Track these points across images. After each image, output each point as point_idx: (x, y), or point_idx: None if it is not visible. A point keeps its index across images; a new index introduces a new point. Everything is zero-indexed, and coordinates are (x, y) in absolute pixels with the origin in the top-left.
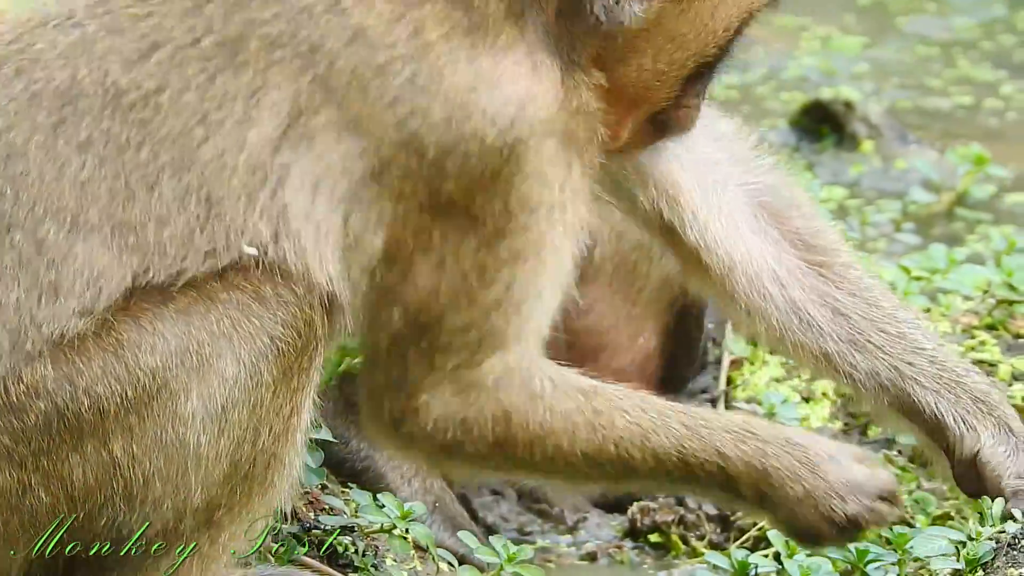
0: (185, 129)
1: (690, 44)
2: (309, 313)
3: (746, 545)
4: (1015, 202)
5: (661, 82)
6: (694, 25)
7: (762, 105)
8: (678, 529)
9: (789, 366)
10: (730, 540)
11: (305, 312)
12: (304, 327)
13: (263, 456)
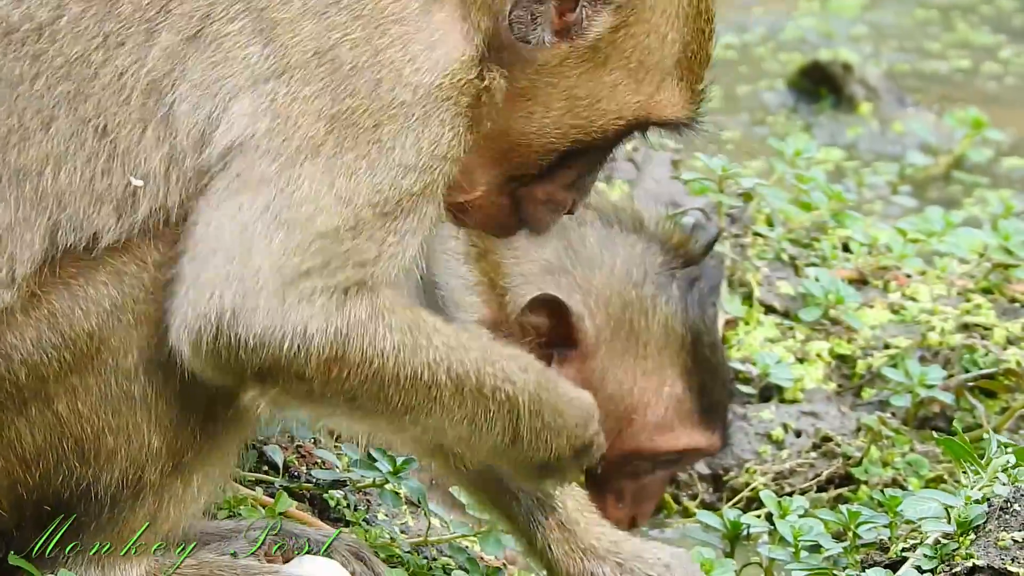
0: (82, 54)
1: (579, 111)
2: None
3: (738, 505)
4: (1012, 166)
5: (536, 139)
6: (590, 92)
7: (760, 66)
8: (671, 489)
9: (784, 327)
10: (722, 500)
11: None
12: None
13: (217, 397)
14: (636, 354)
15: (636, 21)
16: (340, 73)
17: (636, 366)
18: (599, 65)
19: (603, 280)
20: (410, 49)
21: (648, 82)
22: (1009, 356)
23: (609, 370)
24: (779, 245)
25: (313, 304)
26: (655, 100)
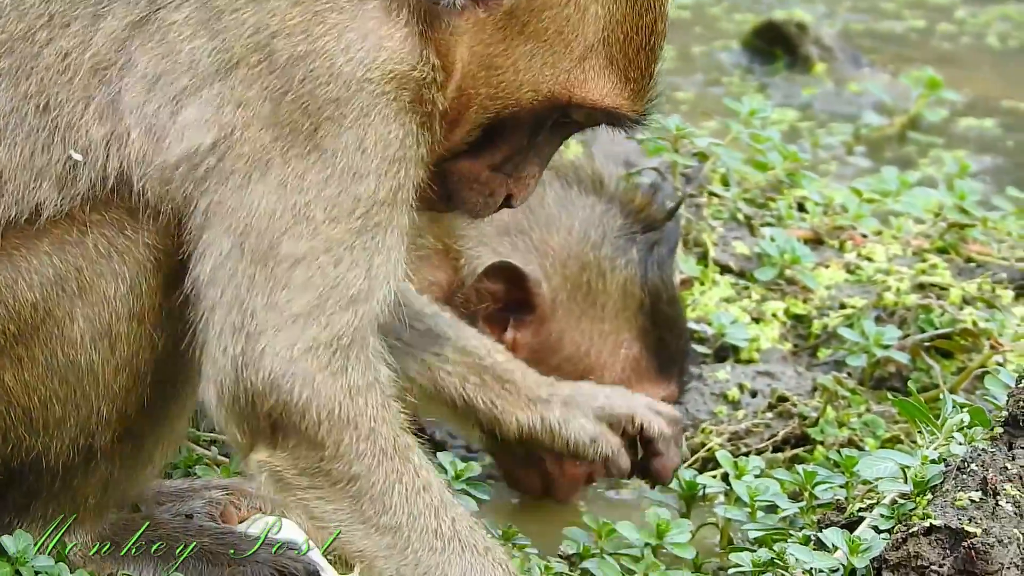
0: (26, 31)
1: (496, 80)
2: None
3: (694, 466)
4: (968, 126)
5: (460, 113)
6: (505, 61)
7: (715, 26)
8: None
9: (739, 287)
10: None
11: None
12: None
13: (167, 361)
14: (593, 316)
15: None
16: (278, 67)
17: (593, 328)
18: (516, 33)
19: (561, 241)
20: (344, 38)
21: (566, 56)
22: (965, 316)
23: (566, 332)
24: (734, 205)
25: (320, 356)
26: (575, 78)
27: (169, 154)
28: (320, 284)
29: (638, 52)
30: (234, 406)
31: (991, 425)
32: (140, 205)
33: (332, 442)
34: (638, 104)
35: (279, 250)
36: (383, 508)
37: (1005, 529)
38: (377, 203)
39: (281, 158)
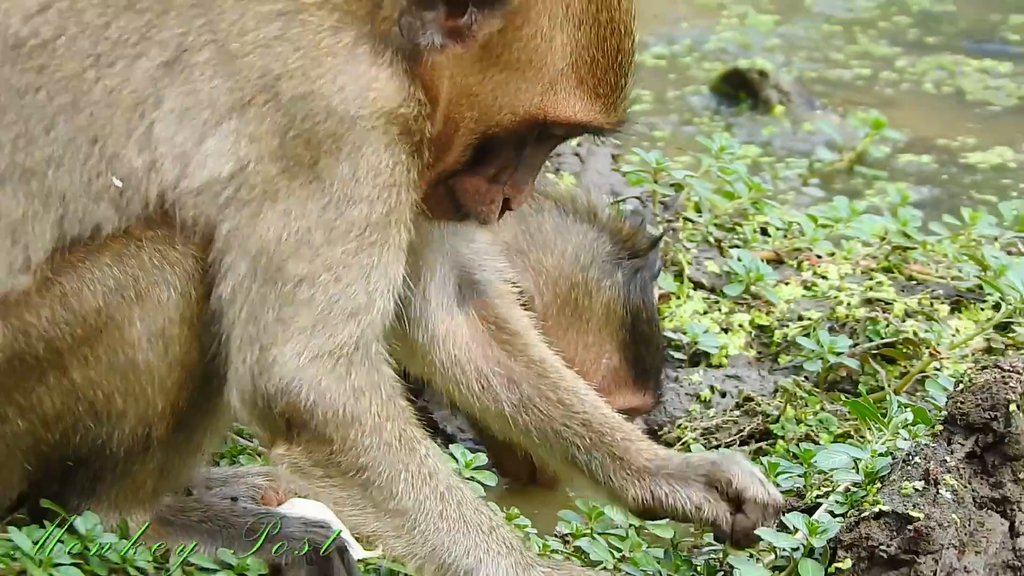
0: (79, 70)
1: (478, 106)
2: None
3: None
4: (908, 161)
5: (451, 136)
6: (484, 89)
7: (687, 73)
8: None
9: (710, 301)
10: None
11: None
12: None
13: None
14: (579, 329)
15: (524, 23)
16: (283, 106)
17: (578, 339)
18: (491, 64)
19: (554, 263)
20: (339, 80)
21: (538, 81)
22: (907, 327)
23: (555, 342)
24: (706, 229)
25: (324, 363)
26: (549, 99)
27: (193, 180)
28: (323, 300)
29: (605, 72)
30: (253, 408)
31: (932, 423)
32: (179, 224)
33: (339, 438)
34: (611, 116)
35: (286, 271)
36: (390, 494)
37: (944, 514)
38: (371, 225)
39: (286, 188)
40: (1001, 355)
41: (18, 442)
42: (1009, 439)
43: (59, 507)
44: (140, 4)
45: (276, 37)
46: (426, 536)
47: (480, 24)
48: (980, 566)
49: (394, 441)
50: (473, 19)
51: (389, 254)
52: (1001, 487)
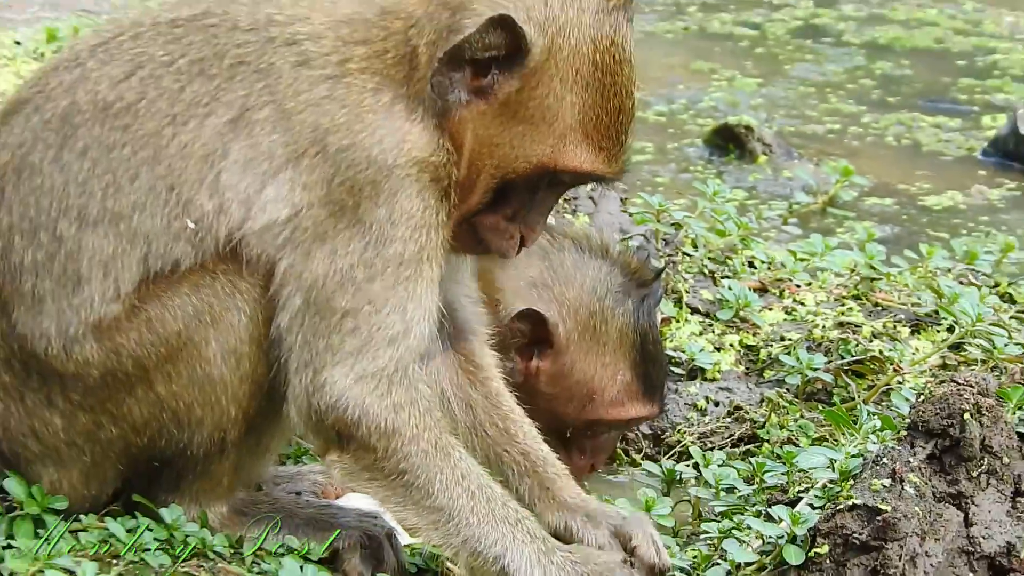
0: (157, 128)
1: (497, 155)
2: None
3: (672, 457)
4: (872, 203)
5: (474, 180)
6: (503, 140)
7: (683, 128)
8: (622, 445)
9: (705, 324)
10: (661, 453)
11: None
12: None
13: (279, 373)
14: (597, 351)
15: (538, 85)
16: (330, 157)
17: (597, 360)
18: (509, 119)
19: (575, 295)
20: (377, 134)
21: (548, 134)
22: (874, 347)
23: (577, 363)
24: (701, 262)
25: (367, 384)
26: (558, 151)
27: (255, 223)
28: (365, 329)
29: (608, 129)
30: (308, 422)
31: (897, 429)
32: (246, 259)
33: (382, 447)
34: (612, 167)
35: (333, 304)
36: (427, 494)
37: (908, 507)
38: (405, 262)
39: (333, 230)
40: (955, 371)
41: (112, 446)
42: (964, 443)
43: (148, 501)
44: (210, 71)
45: (325, 97)
46: (459, 529)
47: (501, 84)
48: (939, 551)
49: (430, 448)
50: (495, 80)
51: (422, 286)
52: (957, 484)
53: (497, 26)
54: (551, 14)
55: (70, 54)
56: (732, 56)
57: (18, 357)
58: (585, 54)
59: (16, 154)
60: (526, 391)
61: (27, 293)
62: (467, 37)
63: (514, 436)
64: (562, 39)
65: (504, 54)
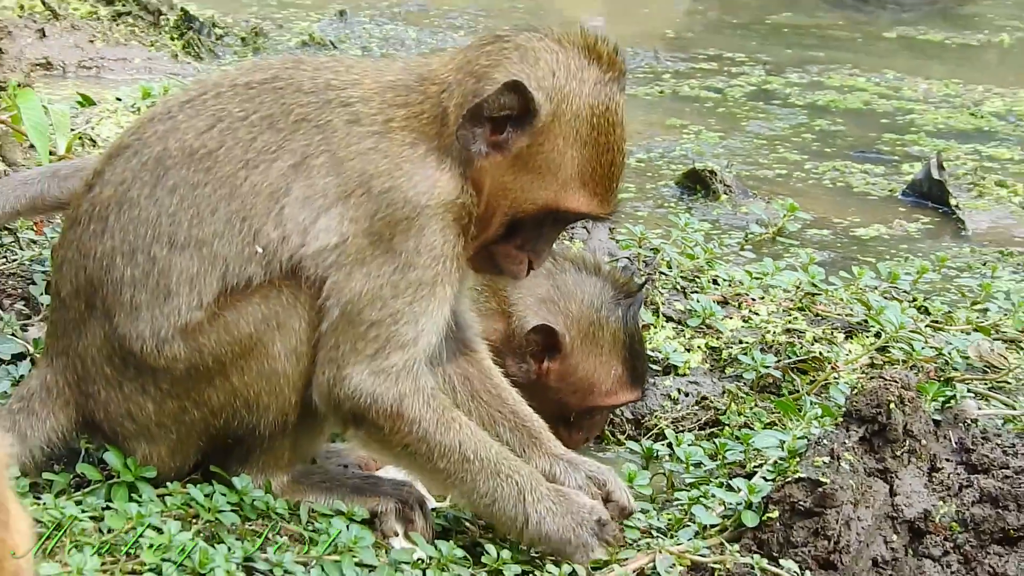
0: (234, 171)
1: (509, 198)
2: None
3: (651, 438)
4: (813, 233)
5: (491, 217)
6: (514, 186)
7: (659, 172)
8: (609, 428)
9: (678, 330)
10: (641, 435)
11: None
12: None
13: None
14: (596, 352)
15: (545, 142)
16: (373, 197)
17: (596, 360)
18: (520, 168)
19: (577, 308)
20: (412, 179)
21: (552, 182)
22: (815, 349)
23: (580, 363)
24: (675, 280)
25: (379, 378)
26: (560, 195)
27: (310, 248)
28: (384, 337)
29: (602, 178)
30: (328, 406)
31: (835, 416)
32: (304, 277)
33: (388, 427)
34: (605, 208)
35: (363, 316)
36: (428, 461)
37: (844, 480)
38: (423, 284)
39: (371, 256)
40: (881, 369)
41: (194, 426)
42: (889, 428)
43: (223, 471)
44: (278, 125)
45: (371, 149)
46: (463, 481)
47: (514, 140)
48: (868, 517)
49: (430, 427)
50: (510, 136)
51: (434, 305)
52: (884, 461)
53: (511, 90)
54: (557, 84)
55: (163, 108)
56: (699, 114)
57: (118, 354)
58: (584, 118)
59: (118, 190)
60: (538, 387)
61: (126, 303)
62: (486, 98)
63: (505, 400)
64: (565, 105)
65: (517, 114)
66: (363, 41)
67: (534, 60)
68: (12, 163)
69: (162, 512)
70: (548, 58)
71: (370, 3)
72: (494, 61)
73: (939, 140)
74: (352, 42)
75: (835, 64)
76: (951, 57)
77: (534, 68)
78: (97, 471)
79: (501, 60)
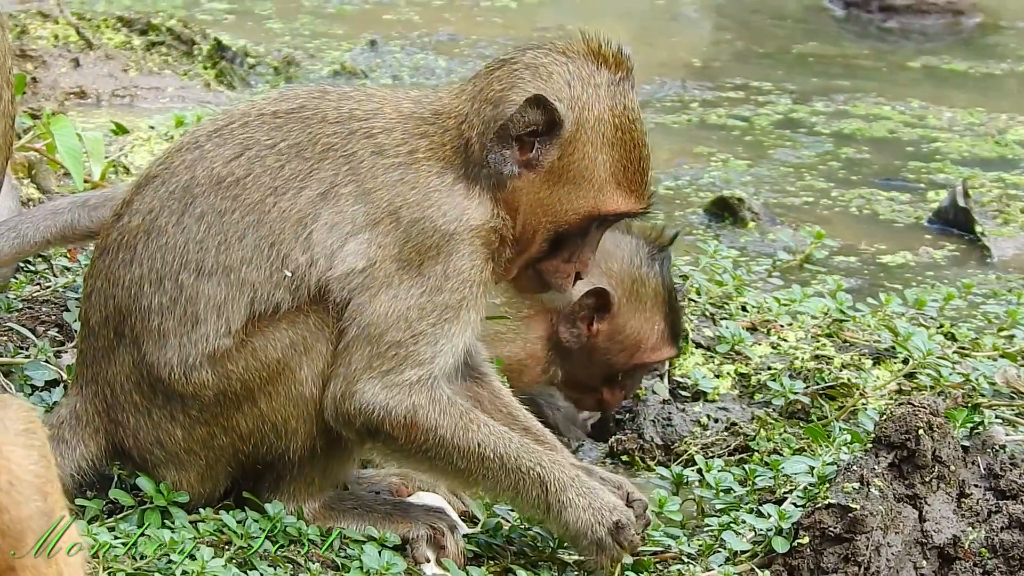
0: (262, 198)
1: (550, 212)
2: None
3: (680, 464)
4: (840, 260)
5: (532, 235)
6: (553, 199)
7: (687, 199)
8: (639, 453)
9: (707, 355)
10: (671, 460)
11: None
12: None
13: None
14: (640, 309)
15: (574, 151)
16: (402, 226)
17: (641, 316)
18: (555, 182)
19: (618, 266)
20: (442, 208)
21: (589, 188)
22: (843, 375)
23: (628, 321)
24: (703, 306)
25: (392, 391)
26: (600, 199)
27: (336, 271)
28: (403, 355)
29: (634, 174)
30: (337, 422)
31: (864, 442)
32: (332, 301)
33: (404, 436)
34: (643, 203)
35: (385, 337)
36: (449, 464)
37: (873, 506)
38: (448, 307)
39: (398, 280)
40: (909, 395)
41: (223, 453)
42: (918, 454)
43: (254, 497)
44: (305, 154)
45: (398, 180)
46: (482, 483)
47: (544, 155)
48: (898, 542)
49: (447, 432)
50: (539, 152)
51: (457, 328)
52: (913, 487)
53: (534, 104)
54: (575, 93)
55: (191, 138)
56: (726, 143)
57: (147, 381)
58: (607, 120)
59: (146, 218)
60: (586, 350)
61: (154, 330)
62: (511, 117)
63: (516, 418)
64: (587, 112)
65: (543, 129)
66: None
67: (547, 75)
68: (47, 191)
69: (195, 538)
70: (559, 70)
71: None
72: (508, 84)
73: (964, 168)
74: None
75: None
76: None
77: (548, 82)
78: (130, 497)
79: (515, 82)
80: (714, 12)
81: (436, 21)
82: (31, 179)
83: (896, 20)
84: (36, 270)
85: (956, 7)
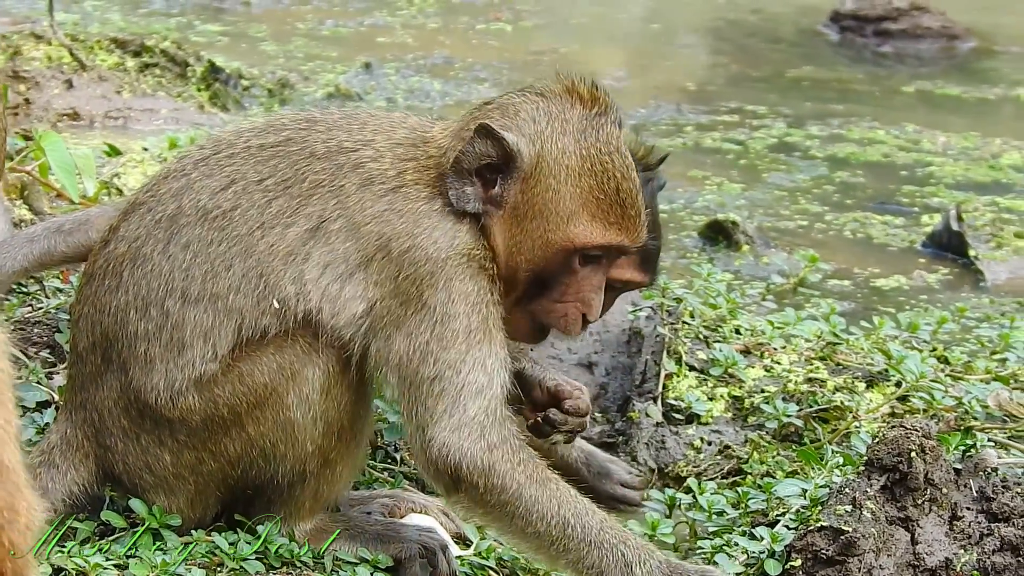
0: (249, 231)
1: (523, 250)
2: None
3: (673, 487)
4: (834, 284)
5: (514, 274)
6: (523, 236)
7: (682, 223)
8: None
9: (701, 378)
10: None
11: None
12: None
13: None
14: None
15: (536, 184)
16: (394, 258)
17: None
18: (522, 217)
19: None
20: (432, 235)
21: (558, 221)
22: (836, 398)
23: None
24: (697, 329)
25: (461, 433)
26: (571, 232)
27: (340, 319)
28: (452, 389)
29: (611, 205)
30: (427, 473)
31: (856, 465)
32: (322, 331)
33: (483, 484)
34: (629, 236)
35: (420, 375)
36: (527, 522)
37: (866, 528)
38: (473, 330)
39: (404, 316)
40: (902, 418)
41: (212, 477)
42: (910, 476)
43: (246, 519)
44: (292, 190)
45: (386, 210)
46: (559, 553)
47: (507, 191)
48: (890, 565)
49: (525, 481)
50: (502, 188)
51: (494, 345)
52: (905, 510)
53: (480, 135)
54: (538, 128)
55: (178, 166)
56: (721, 166)
57: (134, 406)
58: (571, 152)
59: (132, 246)
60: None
61: (140, 356)
62: (462, 150)
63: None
64: (550, 144)
65: (501, 163)
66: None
67: (514, 112)
68: (39, 212)
69: (187, 560)
70: (528, 108)
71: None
72: (475, 120)
73: (958, 192)
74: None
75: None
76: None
77: (514, 119)
78: (122, 519)
79: (481, 118)
80: (709, 36)
81: (431, 44)
82: (23, 200)
83: (891, 45)
84: (28, 291)
85: (951, 32)
